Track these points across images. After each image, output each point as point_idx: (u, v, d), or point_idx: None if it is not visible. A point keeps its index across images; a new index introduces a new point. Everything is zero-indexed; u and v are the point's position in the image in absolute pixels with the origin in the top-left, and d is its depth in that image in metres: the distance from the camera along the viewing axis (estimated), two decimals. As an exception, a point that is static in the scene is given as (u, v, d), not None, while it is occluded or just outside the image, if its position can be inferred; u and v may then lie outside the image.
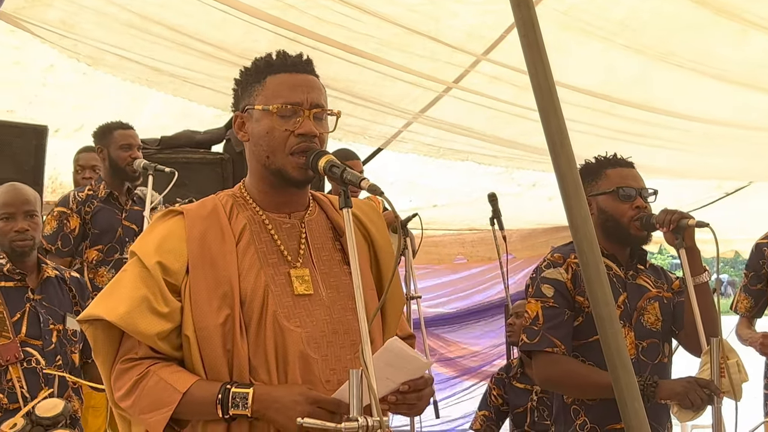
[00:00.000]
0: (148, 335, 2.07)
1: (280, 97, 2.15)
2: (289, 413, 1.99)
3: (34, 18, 5.20)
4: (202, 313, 2.08)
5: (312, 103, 2.16)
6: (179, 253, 2.12)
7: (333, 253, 2.24)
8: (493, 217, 5.03)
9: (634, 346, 3.14)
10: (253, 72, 2.22)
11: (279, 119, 2.14)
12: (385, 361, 2.02)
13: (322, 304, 2.17)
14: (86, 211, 4.89)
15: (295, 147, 2.13)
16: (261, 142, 2.17)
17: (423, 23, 5.68)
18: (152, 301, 2.07)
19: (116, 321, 2.07)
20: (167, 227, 2.18)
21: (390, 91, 6.35)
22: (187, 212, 2.20)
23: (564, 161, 2.25)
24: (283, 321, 2.11)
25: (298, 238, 2.21)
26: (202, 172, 5.31)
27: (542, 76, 2.23)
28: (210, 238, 2.15)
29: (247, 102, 2.20)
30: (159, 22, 5.34)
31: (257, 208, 2.22)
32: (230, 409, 2.02)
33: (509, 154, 7.33)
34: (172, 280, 2.11)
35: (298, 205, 2.25)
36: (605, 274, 2.25)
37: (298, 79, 2.18)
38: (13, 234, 3.71)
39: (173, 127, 5.81)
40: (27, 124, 5.26)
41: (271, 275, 2.14)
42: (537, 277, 3.19)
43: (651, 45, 6.04)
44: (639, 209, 3.18)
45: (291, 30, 5.50)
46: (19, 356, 3.64)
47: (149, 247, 2.14)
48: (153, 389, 2.07)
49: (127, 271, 2.15)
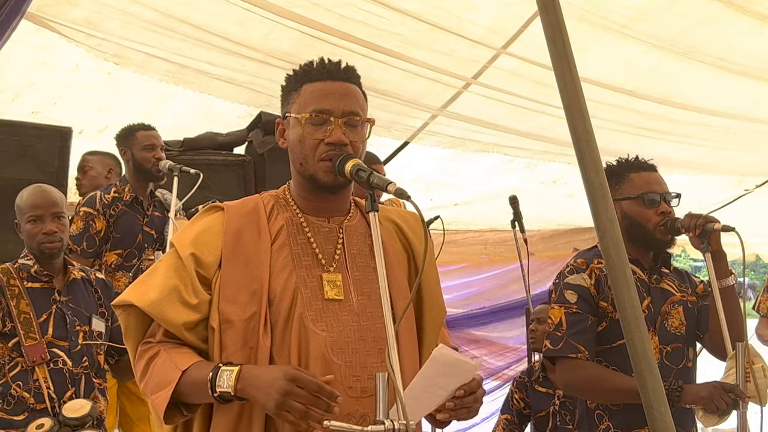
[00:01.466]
0: (175, 324, 2.11)
1: (311, 106, 2.18)
2: (267, 390, 1.96)
3: (59, 17, 5.22)
4: (229, 307, 2.11)
5: (344, 111, 2.17)
6: (214, 247, 2.16)
7: (369, 260, 2.24)
8: (515, 220, 5.02)
9: (659, 350, 3.13)
10: (292, 80, 2.25)
11: (310, 127, 2.17)
12: (436, 371, 2.02)
13: (352, 310, 2.17)
14: (111, 213, 4.92)
15: (324, 155, 2.15)
16: (295, 149, 2.21)
17: (444, 19, 5.69)
18: (182, 291, 2.11)
19: (145, 307, 2.12)
20: (207, 221, 2.23)
21: (412, 87, 6.36)
22: (228, 208, 2.24)
23: (590, 164, 2.24)
24: (308, 324, 2.12)
25: (335, 242, 2.22)
26: (224, 173, 5.34)
27: (569, 79, 2.23)
28: (246, 234, 2.18)
29: (286, 109, 2.24)
30: (183, 20, 5.36)
31: (297, 210, 2.24)
32: (217, 387, 2.03)
33: (531, 145, 7.30)
34: (204, 273, 2.14)
35: (337, 210, 2.27)
36: (631, 278, 2.24)
37: (333, 87, 2.20)
38: (42, 236, 3.73)
39: (195, 129, 5.83)
40: (51, 125, 5.29)
41: (302, 277, 2.16)
42: (560, 283, 3.18)
43: (669, 39, 6.02)
44: (664, 214, 3.16)
45: (315, 28, 5.51)
46: (46, 357, 3.66)
47: (186, 239, 2.19)
48: (161, 368, 2.11)
49: (163, 260, 2.20)
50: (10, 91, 5.71)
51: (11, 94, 5.73)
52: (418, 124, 6.93)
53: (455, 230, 8.22)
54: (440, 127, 6.97)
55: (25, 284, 3.75)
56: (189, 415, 2.15)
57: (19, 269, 3.78)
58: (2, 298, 3.69)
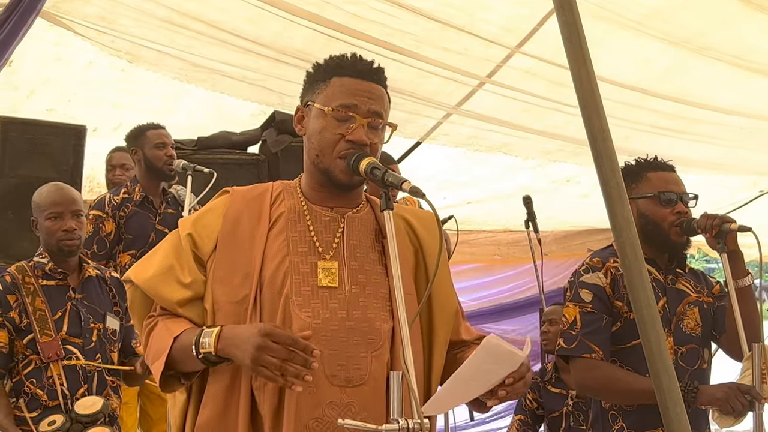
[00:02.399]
0: (169, 301, 2.17)
1: (338, 100, 2.17)
2: (244, 346, 1.98)
3: (72, 14, 5.24)
4: (221, 289, 2.15)
5: (369, 111, 2.17)
6: (212, 229, 2.20)
7: (369, 252, 2.23)
8: (528, 220, 4.99)
9: (674, 351, 3.11)
10: (322, 69, 2.24)
11: (333, 121, 2.16)
12: (484, 360, 2.01)
13: (343, 298, 2.16)
14: (120, 215, 4.93)
15: (343, 152, 2.15)
16: (313, 139, 2.20)
17: (458, 17, 5.68)
18: (177, 270, 2.17)
19: (141, 284, 2.20)
20: (213, 204, 2.27)
21: (426, 87, 6.35)
22: (233, 192, 2.27)
23: (606, 162, 2.22)
24: (294, 309, 2.12)
25: (335, 231, 2.22)
26: (238, 173, 5.33)
27: (585, 78, 2.21)
28: (245, 218, 2.21)
29: (309, 97, 2.23)
30: (197, 18, 5.37)
31: (302, 199, 2.25)
32: (201, 349, 2.05)
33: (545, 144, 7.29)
34: (199, 254, 2.19)
35: (347, 203, 2.26)
36: (647, 278, 2.22)
37: (362, 85, 2.18)
38: (62, 233, 3.73)
39: (209, 127, 5.83)
40: (66, 124, 5.31)
41: (295, 264, 2.16)
42: (575, 282, 3.16)
43: (685, 37, 6.00)
44: (680, 214, 3.15)
45: (328, 26, 5.51)
46: (60, 354, 3.67)
47: (189, 220, 2.26)
48: (157, 336, 2.16)
49: (167, 239, 2.27)
50: (24, 89, 5.73)
51: (26, 92, 5.75)
52: (431, 123, 6.92)
53: (468, 230, 8.21)
54: (454, 126, 6.95)
55: (40, 282, 3.76)
56: (186, 383, 2.18)
57: (34, 267, 3.79)
58: (18, 295, 3.71)
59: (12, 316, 3.68)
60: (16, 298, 3.70)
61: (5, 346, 3.67)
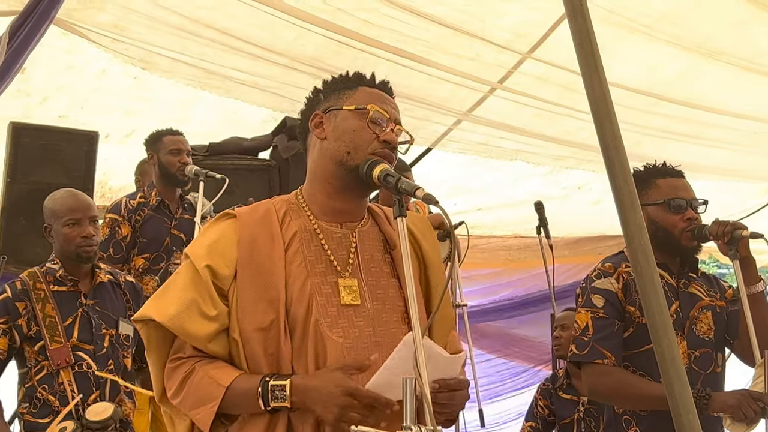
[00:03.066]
0: (197, 337, 2.12)
1: (372, 104, 2.24)
2: (325, 403, 2.01)
3: (85, 21, 5.26)
4: (247, 317, 2.12)
5: (396, 120, 2.27)
6: (229, 257, 2.17)
7: (382, 265, 2.25)
8: (540, 226, 4.99)
9: (687, 355, 3.10)
10: (344, 80, 2.32)
11: (370, 122, 2.22)
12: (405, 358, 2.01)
13: (367, 315, 2.18)
14: (136, 219, 4.95)
15: (377, 150, 2.20)
16: (345, 137, 2.22)
17: (469, 23, 5.68)
18: (201, 303, 2.12)
19: (165, 322, 2.12)
20: (219, 230, 2.22)
21: (438, 93, 6.36)
22: (239, 215, 2.24)
23: (618, 169, 2.22)
24: (325, 330, 2.13)
25: (348, 248, 2.23)
26: (249, 178, 5.36)
27: (597, 85, 2.21)
28: (260, 242, 2.18)
29: (332, 104, 2.28)
30: (209, 25, 5.38)
31: (310, 216, 2.24)
32: (271, 402, 2.05)
33: (556, 151, 7.28)
34: (220, 284, 2.15)
35: (354, 216, 2.28)
36: (660, 284, 2.22)
37: (387, 97, 2.31)
38: (80, 239, 3.75)
39: (221, 133, 5.86)
40: (78, 130, 5.34)
41: (317, 284, 2.17)
42: (587, 287, 3.16)
43: (697, 41, 5.99)
44: (690, 221, 3.14)
45: (340, 33, 5.53)
46: (70, 360, 3.68)
47: (201, 250, 2.19)
48: (199, 385, 2.12)
49: (179, 273, 2.20)
50: (37, 95, 5.75)
51: (39, 98, 5.77)
52: (442, 129, 6.92)
53: (479, 235, 8.20)
54: (465, 133, 6.95)
55: (51, 288, 3.77)
56: (228, 424, 2.17)
57: (45, 273, 3.81)
58: (28, 302, 3.72)
59: (20, 324, 3.69)
60: (26, 306, 3.71)
61: (3, 353, 3.67)
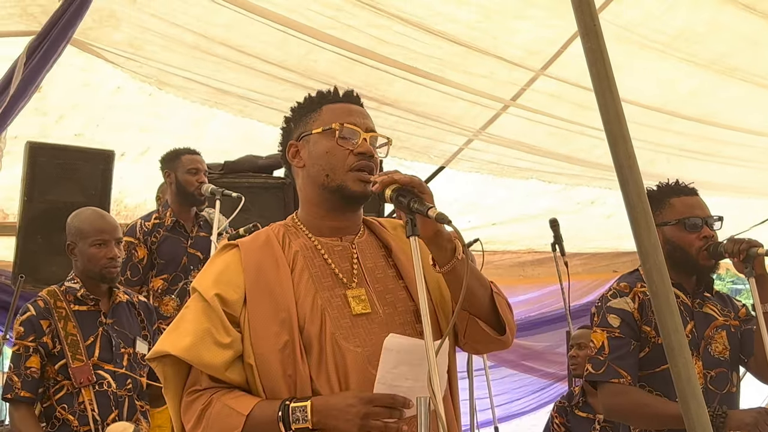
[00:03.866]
0: (214, 366, 2.12)
1: (338, 120, 2.24)
2: (346, 417, 2.01)
3: (101, 40, 5.31)
4: (261, 341, 2.12)
5: (368, 128, 2.26)
6: (236, 285, 2.17)
7: (386, 269, 2.26)
8: (555, 243, 4.98)
9: (703, 375, 3.09)
10: (307, 103, 2.32)
11: (339, 139, 2.22)
12: (394, 363, 2.02)
13: (381, 321, 2.18)
14: (152, 241, 4.97)
15: (354, 164, 2.20)
16: (320, 161, 2.23)
17: (482, 40, 5.70)
18: (214, 333, 2.12)
19: (182, 354, 2.12)
20: (224, 261, 2.23)
21: (451, 110, 6.37)
22: (241, 244, 2.25)
23: (633, 188, 2.22)
24: (342, 342, 2.13)
25: (350, 259, 2.24)
26: (264, 196, 5.37)
27: (611, 104, 2.21)
28: (265, 267, 2.19)
29: (302, 130, 2.28)
30: (222, 42, 5.42)
31: (309, 235, 2.26)
32: (292, 424, 2.04)
33: (569, 170, 7.28)
34: (230, 311, 2.15)
35: (351, 230, 2.29)
36: (675, 303, 2.21)
37: (353, 107, 2.30)
38: (106, 261, 3.77)
39: (235, 151, 5.88)
40: (94, 149, 5.37)
41: (327, 298, 2.17)
42: (603, 307, 3.16)
43: (710, 58, 5.99)
44: (707, 239, 3.14)
45: (351, 51, 5.55)
46: (92, 379, 3.69)
47: (208, 281, 2.20)
48: (219, 416, 2.11)
49: (189, 306, 2.21)
50: (53, 114, 5.79)
51: (55, 117, 5.81)
52: (455, 147, 6.93)
53: (493, 251, 8.20)
54: (477, 153, 6.96)
55: (72, 307, 3.79)
56: None
57: (65, 292, 3.83)
58: (51, 320, 3.74)
59: (45, 341, 3.72)
60: (49, 323, 3.73)
61: (37, 371, 3.70)
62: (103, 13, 5.05)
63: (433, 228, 2.07)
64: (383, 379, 2.04)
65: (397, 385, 2.05)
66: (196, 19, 5.21)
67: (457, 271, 2.12)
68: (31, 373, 3.69)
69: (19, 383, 3.67)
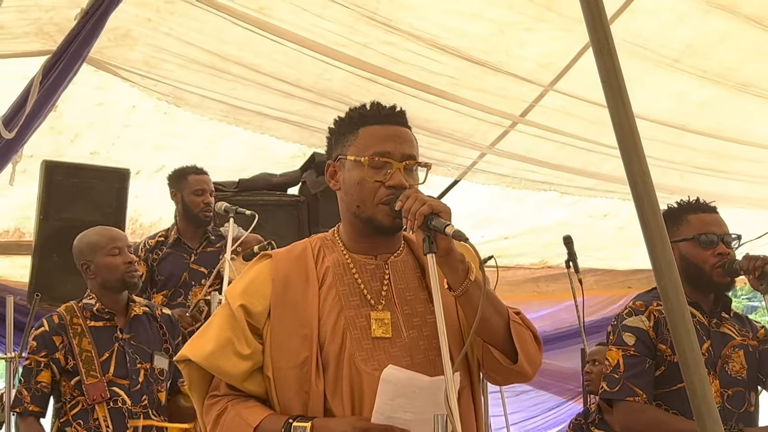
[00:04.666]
0: (232, 376, 2.14)
1: (371, 148, 2.17)
2: None
3: (116, 58, 5.35)
4: (281, 354, 2.12)
5: (403, 155, 2.18)
6: (262, 296, 2.17)
7: (419, 292, 2.23)
8: (569, 260, 4.97)
9: (720, 394, 3.07)
10: (346, 122, 2.24)
11: (370, 170, 2.16)
12: (391, 395, 2.01)
13: (403, 345, 2.15)
14: (153, 258, 4.97)
15: (384, 198, 2.15)
16: (352, 191, 2.19)
17: (493, 55, 5.72)
18: (235, 342, 2.13)
19: (201, 362, 2.15)
20: (256, 270, 2.24)
21: (463, 126, 6.39)
22: (275, 255, 2.25)
23: (647, 205, 2.22)
24: (360, 364, 2.12)
25: (381, 279, 2.21)
26: (279, 214, 5.40)
27: (624, 121, 2.21)
28: (294, 279, 2.18)
29: (339, 152, 2.23)
30: (237, 61, 5.46)
31: (344, 250, 2.24)
32: None
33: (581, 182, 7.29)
34: (254, 322, 2.16)
35: (387, 248, 2.26)
36: (690, 322, 2.20)
37: (390, 130, 2.20)
38: (125, 266, 3.81)
39: (250, 169, 5.91)
40: (110, 167, 5.42)
41: (351, 318, 2.15)
42: (618, 325, 3.15)
43: (721, 73, 5.99)
44: (721, 256, 3.12)
45: (365, 69, 5.58)
46: (105, 395, 3.71)
47: (237, 290, 2.21)
48: (231, 424, 2.13)
49: (218, 313, 2.24)
50: (69, 132, 5.83)
51: (70, 135, 5.86)
52: (468, 162, 6.95)
53: (506, 266, 8.19)
54: (490, 165, 6.98)
55: (88, 323, 3.82)
56: None
57: (83, 308, 3.86)
58: (64, 336, 3.76)
59: (57, 357, 3.74)
60: (62, 339, 3.76)
61: (47, 386, 3.73)
62: (119, 32, 5.10)
63: (445, 247, 2.04)
64: (381, 409, 2.03)
65: (395, 417, 2.03)
66: (210, 38, 5.25)
67: (471, 294, 2.09)
68: (41, 387, 3.72)
69: (28, 397, 3.71)
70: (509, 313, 2.20)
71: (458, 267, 2.09)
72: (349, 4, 5.14)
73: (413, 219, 2.03)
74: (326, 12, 5.18)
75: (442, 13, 5.38)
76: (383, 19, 5.27)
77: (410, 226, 2.05)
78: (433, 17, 5.39)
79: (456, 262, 2.09)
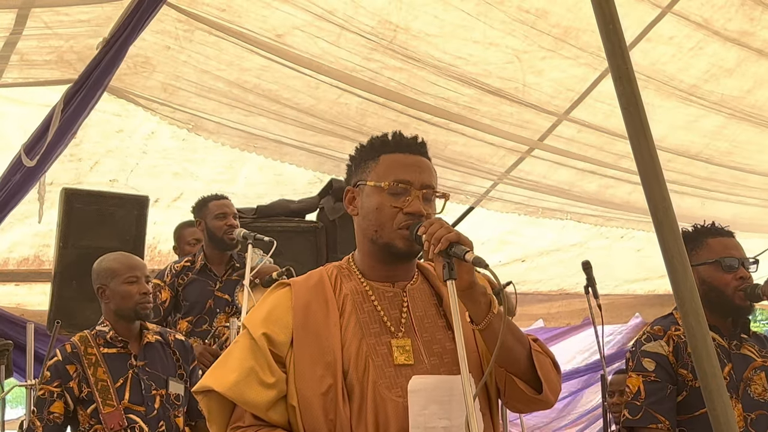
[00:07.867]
0: (256, 405, 2.12)
1: (391, 175, 2.20)
2: None
3: (135, 86, 5.40)
4: (305, 383, 2.12)
5: (422, 184, 2.20)
6: (284, 324, 2.18)
7: (436, 319, 2.24)
8: (588, 285, 4.96)
9: (743, 418, 3.06)
10: (368, 149, 2.28)
11: (389, 196, 2.19)
12: (423, 404, 2.00)
13: (425, 372, 2.15)
14: (179, 283, 4.99)
15: (402, 224, 2.17)
16: (370, 216, 2.21)
17: (508, 83, 5.74)
18: (259, 372, 2.13)
19: (225, 392, 2.13)
20: (275, 299, 2.24)
21: (478, 152, 6.41)
22: (294, 283, 2.26)
23: (668, 232, 2.21)
24: (384, 391, 2.12)
25: (400, 306, 2.22)
26: (297, 240, 5.40)
27: (645, 147, 2.21)
28: (314, 308, 2.19)
29: (359, 177, 2.26)
30: (253, 89, 5.49)
31: (361, 278, 2.25)
32: None
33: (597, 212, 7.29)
34: (277, 351, 2.15)
35: (403, 276, 2.27)
36: (713, 347, 2.19)
37: (411, 159, 2.23)
38: (140, 296, 3.83)
39: (268, 195, 5.93)
40: (129, 195, 5.44)
41: (372, 345, 2.16)
42: (637, 351, 3.14)
43: (734, 101, 6.00)
44: (743, 279, 3.12)
45: (380, 95, 5.61)
46: (123, 424, 3.72)
47: (257, 319, 2.21)
48: None
49: (238, 342, 2.22)
50: (88, 160, 5.87)
51: (90, 163, 5.89)
52: (483, 188, 6.96)
53: (524, 292, 8.17)
54: (505, 194, 6.98)
55: (102, 350, 3.83)
56: None
57: (96, 336, 3.87)
58: (78, 365, 3.77)
59: (71, 387, 3.75)
60: (76, 368, 3.77)
61: (59, 416, 3.74)
62: (138, 59, 5.14)
63: (468, 280, 2.05)
64: (416, 422, 2.03)
65: (432, 426, 2.03)
66: (227, 65, 5.29)
67: (494, 327, 2.09)
68: (53, 418, 3.72)
69: (40, 428, 3.71)
70: (530, 342, 2.21)
71: (480, 300, 2.10)
72: (366, 33, 5.18)
73: (437, 242, 2.04)
74: (341, 41, 5.21)
75: (459, 41, 5.41)
76: (400, 49, 5.30)
77: (432, 251, 2.05)
78: (448, 46, 5.42)
79: (478, 296, 2.10)
